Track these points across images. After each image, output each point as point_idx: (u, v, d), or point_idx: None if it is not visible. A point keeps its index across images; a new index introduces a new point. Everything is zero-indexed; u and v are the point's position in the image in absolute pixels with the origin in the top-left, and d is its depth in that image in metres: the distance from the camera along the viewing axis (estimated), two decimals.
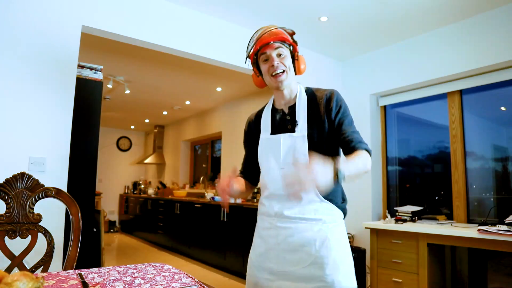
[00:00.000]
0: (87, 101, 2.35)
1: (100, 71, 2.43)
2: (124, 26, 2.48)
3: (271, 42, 1.26)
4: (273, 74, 1.28)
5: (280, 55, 1.28)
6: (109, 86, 4.99)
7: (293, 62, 1.33)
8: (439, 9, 2.77)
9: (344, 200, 1.33)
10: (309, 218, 1.23)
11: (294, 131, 1.29)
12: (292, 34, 1.34)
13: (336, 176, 1.01)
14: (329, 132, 1.28)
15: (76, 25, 2.27)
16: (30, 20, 2.10)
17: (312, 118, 1.29)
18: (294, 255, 1.23)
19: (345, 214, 1.31)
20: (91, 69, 2.39)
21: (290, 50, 1.31)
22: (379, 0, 2.65)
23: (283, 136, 1.29)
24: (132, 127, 8.50)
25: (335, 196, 1.28)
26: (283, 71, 1.28)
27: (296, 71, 1.35)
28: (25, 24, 2.08)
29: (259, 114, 1.45)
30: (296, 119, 1.30)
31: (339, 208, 1.28)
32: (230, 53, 3.01)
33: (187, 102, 6.11)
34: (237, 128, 5.61)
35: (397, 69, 3.41)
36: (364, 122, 3.65)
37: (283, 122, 1.34)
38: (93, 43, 3.45)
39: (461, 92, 3.11)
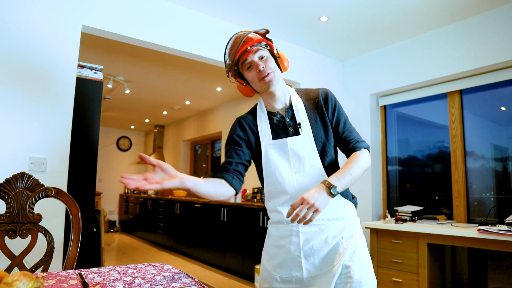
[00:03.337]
0: (87, 101, 2.35)
1: (100, 71, 2.43)
2: (124, 26, 2.48)
3: (249, 47, 1.23)
4: (261, 78, 1.24)
5: (262, 57, 1.24)
6: (109, 86, 4.99)
7: (276, 61, 1.29)
8: (439, 9, 2.77)
9: (353, 196, 1.34)
10: (332, 218, 1.22)
11: (298, 133, 1.27)
12: (265, 33, 1.29)
13: (330, 192, 1.08)
14: (331, 129, 1.29)
15: (76, 25, 2.27)
16: (30, 19, 2.10)
17: (312, 117, 1.29)
18: (320, 259, 1.21)
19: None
20: (91, 69, 2.39)
21: (268, 49, 1.28)
22: (379, 0, 2.65)
23: (289, 140, 1.26)
24: (132, 127, 8.50)
25: (348, 193, 1.29)
26: (271, 72, 1.24)
27: (282, 69, 1.32)
28: (25, 24, 2.08)
29: (250, 119, 1.37)
30: (298, 120, 1.28)
31: (353, 204, 1.29)
32: None
33: (187, 102, 6.11)
34: None
35: (397, 69, 3.41)
36: (364, 122, 3.65)
37: (283, 126, 1.30)
38: (93, 43, 3.45)
39: (461, 92, 3.11)
